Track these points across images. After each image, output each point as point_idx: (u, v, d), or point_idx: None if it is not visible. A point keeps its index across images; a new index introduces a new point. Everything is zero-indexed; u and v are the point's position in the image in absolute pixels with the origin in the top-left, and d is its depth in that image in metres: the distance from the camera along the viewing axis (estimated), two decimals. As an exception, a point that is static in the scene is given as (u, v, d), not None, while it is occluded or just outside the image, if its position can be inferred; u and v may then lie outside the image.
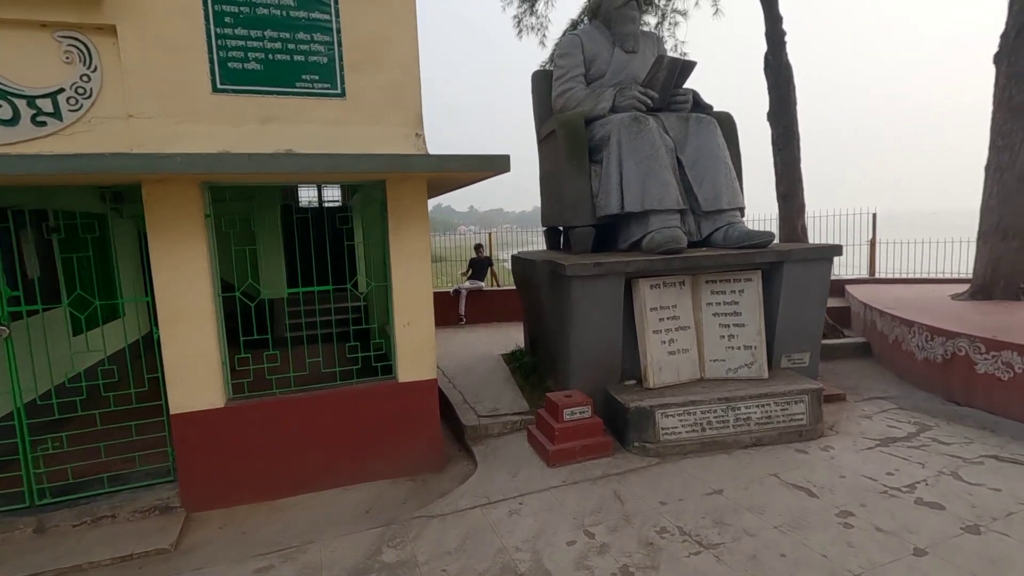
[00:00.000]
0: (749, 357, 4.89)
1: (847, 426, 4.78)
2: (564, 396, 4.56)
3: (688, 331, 4.95)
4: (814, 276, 4.93)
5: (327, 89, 3.84)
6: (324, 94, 3.84)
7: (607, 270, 4.62)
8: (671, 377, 4.83)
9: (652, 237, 5.00)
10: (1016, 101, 6.42)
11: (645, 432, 4.40)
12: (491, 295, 10.22)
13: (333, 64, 3.83)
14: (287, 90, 3.74)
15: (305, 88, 3.79)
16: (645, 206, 5.07)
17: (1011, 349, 4.65)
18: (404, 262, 4.17)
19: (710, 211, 5.21)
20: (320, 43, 3.78)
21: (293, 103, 3.78)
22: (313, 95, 3.81)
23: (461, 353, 7.64)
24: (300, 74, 3.76)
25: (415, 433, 4.33)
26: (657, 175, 5.09)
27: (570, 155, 5.51)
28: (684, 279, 4.97)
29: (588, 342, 4.82)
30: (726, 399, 4.49)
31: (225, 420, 3.86)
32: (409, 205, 4.14)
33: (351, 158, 3.49)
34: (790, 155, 7.42)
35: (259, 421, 3.96)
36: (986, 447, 4.20)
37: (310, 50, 3.77)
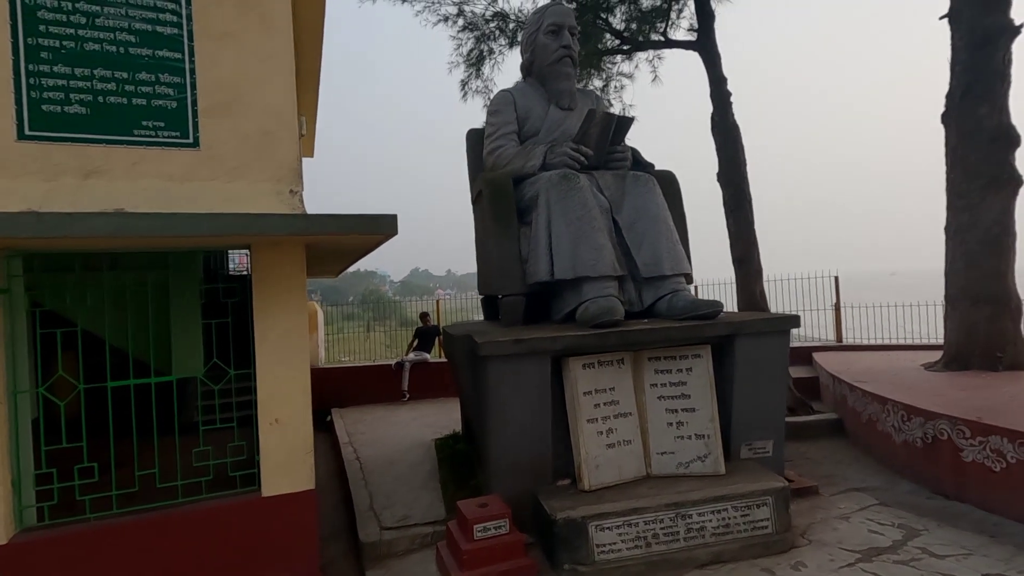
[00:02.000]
0: (702, 448, 4.13)
1: (822, 532, 3.98)
2: (477, 506, 3.69)
3: (630, 419, 4.20)
4: (771, 351, 4.28)
5: (175, 138, 3.19)
6: (171, 143, 3.19)
7: (529, 348, 3.91)
8: (611, 476, 4.02)
9: (586, 308, 4.34)
10: (969, 160, 6.15)
11: (577, 551, 3.54)
12: (438, 368, 9.37)
13: (184, 109, 3.21)
14: (121, 138, 3.08)
15: (146, 136, 3.13)
16: (577, 272, 4.44)
17: (999, 434, 4.00)
18: (272, 344, 3.39)
19: (651, 277, 4.60)
20: (168, 84, 3.17)
21: (128, 154, 3.11)
22: (156, 144, 3.16)
23: (390, 439, 6.71)
24: (139, 120, 3.12)
25: (283, 561, 3.39)
26: (590, 238, 4.50)
27: (496, 216, 4.92)
28: (623, 357, 4.27)
29: (510, 435, 4.02)
30: (675, 504, 3.68)
31: (6, 562, 2.90)
32: (280, 276, 3.42)
33: (186, 219, 2.79)
34: (743, 217, 7.01)
35: (63, 560, 3.00)
36: (988, 561, 3.44)
37: (154, 92, 3.15)
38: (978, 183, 6.10)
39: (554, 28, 5.53)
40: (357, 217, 3.11)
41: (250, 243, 3.35)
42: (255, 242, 3.32)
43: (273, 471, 3.37)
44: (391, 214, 3.18)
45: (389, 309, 14.25)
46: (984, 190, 6.07)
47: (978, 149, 6.11)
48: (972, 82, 6.16)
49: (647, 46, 8.59)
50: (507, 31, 9.05)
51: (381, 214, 3.15)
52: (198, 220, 2.82)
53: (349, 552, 4.32)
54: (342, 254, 4.61)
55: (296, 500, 3.40)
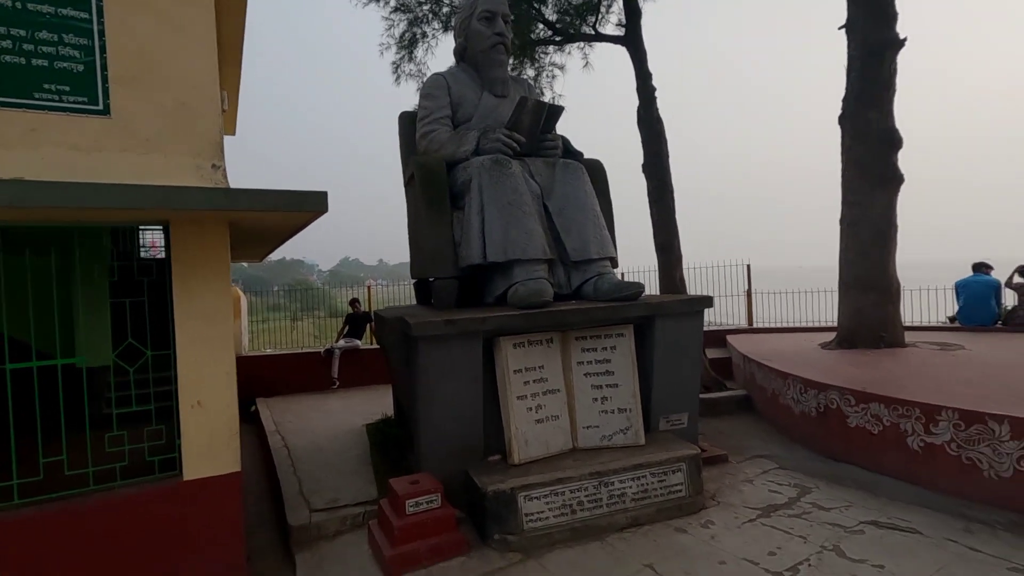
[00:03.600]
0: (624, 422, 4.39)
1: (729, 494, 4.36)
2: (409, 483, 3.75)
3: (558, 395, 4.39)
4: (687, 330, 4.61)
5: (82, 104, 2.99)
6: (78, 109, 2.98)
7: (460, 329, 3.99)
8: (539, 450, 4.20)
9: (516, 290, 4.47)
10: (861, 159, 6.81)
11: (506, 522, 3.69)
12: (369, 355, 9.25)
13: (92, 74, 3.01)
14: (17, 101, 2.85)
15: (47, 100, 2.91)
16: (508, 255, 4.56)
17: (878, 401, 4.53)
18: (193, 326, 3.27)
19: (579, 261, 4.80)
20: (73, 46, 2.96)
21: (27, 119, 2.88)
22: (60, 110, 2.94)
23: (320, 427, 6.58)
24: (40, 83, 2.89)
25: (206, 548, 3.31)
26: (521, 222, 4.63)
27: (429, 201, 4.94)
28: (552, 336, 4.45)
29: (442, 415, 4.09)
30: (598, 473, 3.91)
31: None
32: (202, 255, 3.29)
33: (96, 190, 2.64)
34: (665, 207, 7.40)
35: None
36: (866, 511, 3.91)
37: (57, 54, 2.93)
38: (868, 181, 6.78)
39: (488, 15, 5.58)
40: (284, 193, 3.06)
41: (168, 219, 3.20)
42: (174, 218, 3.18)
43: (196, 455, 3.27)
44: (321, 191, 3.14)
45: (317, 299, 13.76)
46: (872, 187, 6.75)
47: (868, 150, 6.78)
48: (863, 88, 6.81)
49: (578, 38, 8.82)
50: (440, 15, 8.98)
51: (310, 191, 3.11)
52: (111, 191, 2.67)
53: (276, 539, 4.25)
54: (267, 235, 4.47)
55: (221, 483, 3.32)
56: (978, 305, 8.00)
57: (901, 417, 4.32)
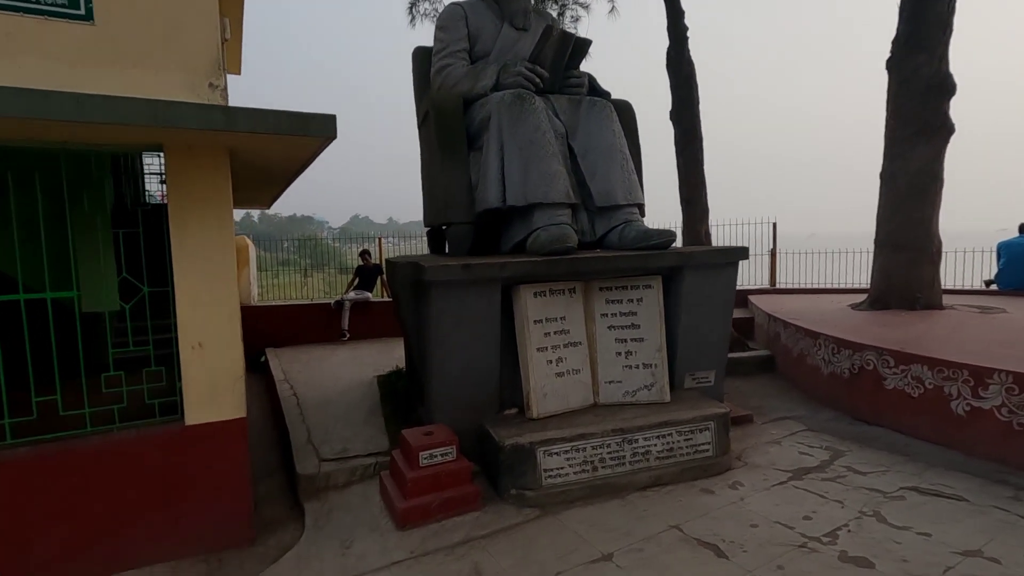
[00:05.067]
0: (649, 377, 4.16)
1: (756, 455, 4.16)
2: (422, 434, 3.57)
3: (579, 348, 4.15)
4: (719, 283, 4.31)
5: (62, 7, 2.66)
6: (57, 13, 2.66)
7: (478, 275, 3.72)
8: (558, 404, 3.99)
9: (536, 236, 4.17)
10: (907, 107, 6.32)
11: (524, 476, 3.51)
12: (380, 307, 9.06)
13: (71, -27, 2.66)
14: (-14, 1, 2.53)
15: (22, 1, 2.59)
16: (529, 199, 4.24)
17: (921, 363, 4.25)
18: (192, 261, 3.03)
19: (604, 207, 4.47)
20: (48, -60, 2.61)
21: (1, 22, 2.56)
22: (36, 12, 2.62)
23: (329, 378, 6.44)
24: (11, -20, 2.56)
25: (211, 495, 3.16)
26: (543, 163, 4.29)
27: (444, 140, 4.60)
28: (575, 286, 4.17)
29: (456, 365, 3.87)
30: (621, 430, 3.70)
31: None
32: (200, 184, 3.02)
33: (75, 101, 2.34)
34: (692, 157, 6.98)
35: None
36: (903, 476, 3.69)
37: (30, -52, 2.58)
38: (911, 130, 6.30)
39: (510, -61, 5.08)
40: (287, 114, 2.75)
41: (162, 143, 2.92)
42: (168, 142, 2.89)
43: (197, 399, 3.08)
44: (328, 114, 2.83)
45: (328, 255, 13.54)
46: (916, 137, 6.28)
47: (914, 97, 6.27)
48: (915, 29, 6.25)
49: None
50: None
51: (316, 113, 2.80)
52: (93, 103, 2.38)
53: (285, 487, 4.13)
54: (273, 171, 4.18)
55: (224, 429, 3.14)
56: (1019, 267, 7.59)
57: (946, 380, 4.05)
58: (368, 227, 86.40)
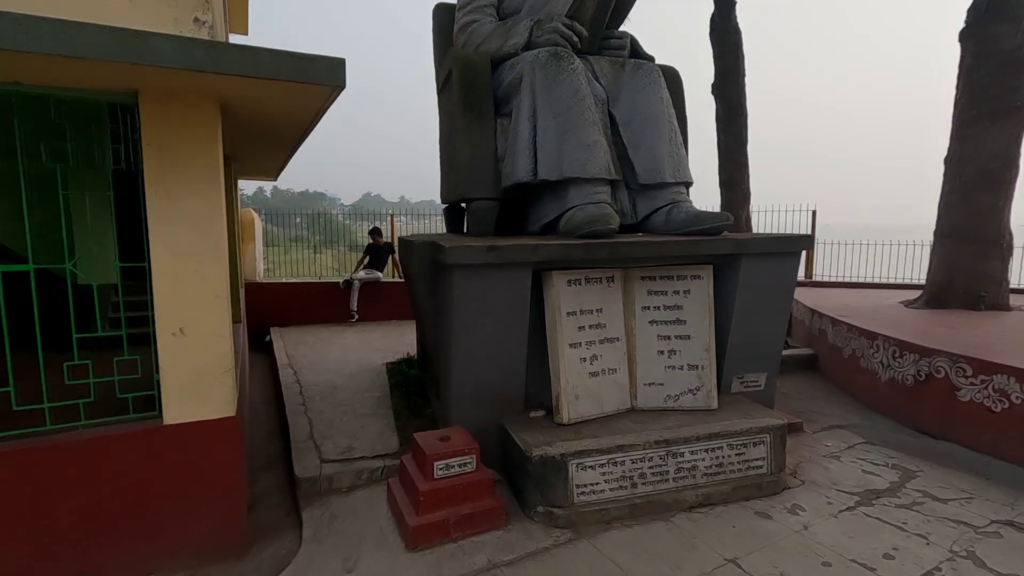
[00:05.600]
0: (695, 380, 3.67)
1: (813, 471, 3.67)
2: (437, 439, 3.11)
3: (617, 345, 3.66)
4: (779, 275, 3.78)
5: (11, -85, 2.15)
6: (4, -77, 2.15)
7: (506, 257, 3.22)
8: (592, 408, 3.52)
9: (571, 216, 3.66)
10: (981, 84, 5.67)
11: (553, 491, 3.05)
12: (390, 288, 8.62)
13: None
14: (-86, -100, 2.02)
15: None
16: (564, 173, 3.72)
17: (1006, 373, 3.72)
18: (172, 231, 2.56)
19: (648, 185, 3.93)
20: None
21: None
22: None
23: (335, 362, 6.02)
24: None
25: (195, 503, 2.73)
26: (581, 132, 3.75)
27: (468, 104, 4.06)
28: (613, 274, 3.67)
29: (478, 358, 3.41)
30: (666, 442, 3.22)
31: None
32: (182, 139, 2.53)
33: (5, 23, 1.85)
34: (736, 135, 6.38)
35: None
36: (993, 507, 3.19)
37: None
38: (984, 109, 5.66)
39: None
40: (287, 55, 2.24)
41: (137, 89, 2.43)
42: (143, 85, 2.40)
43: (178, 394, 2.64)
44: (336, 57, 2.32)
45: (339, 232, 13.24)
46: (990, 117, 5.64)
47: (991, 72, 5.61)
48: (997, -5, 5.56)
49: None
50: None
51: (321, 55, 2.29)
52: (39, 28, 1.88)
53: (285, 485, 3.71)
54: (274, 131, 3.69)
55: (211, 430, 2.70)
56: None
57: (1041, 395, 3.52)
58: (380, 205, 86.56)
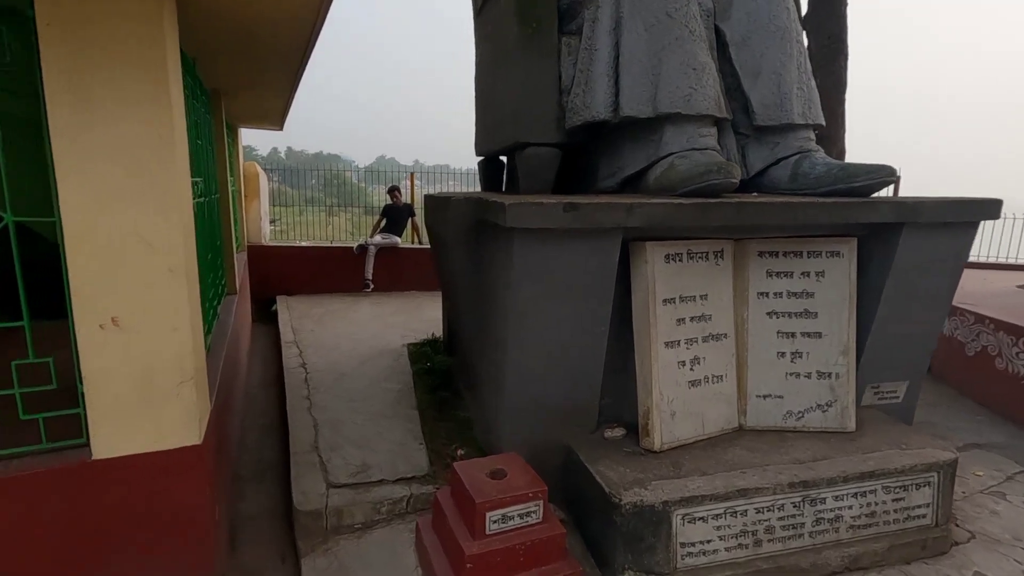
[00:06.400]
0: (825, 393, 2.73)
1: (979, 516, 2.75)
2: (488, 473, 2.23)
3: (723, 344, 2.72)
4: (948, 252, 2.78)
5: None
6: None
7: (590, 220, 2.27)
8: (691, 429, 2.61)
9: (670, 166, 2.67)
10: None
11: (651, 553, 2.17)
12: (410, 255, 7.72)
13: None
14: None
15: None
16: (659, 108, 2.71)
17: None
18: (93, 169, 1.64)
19: (769, 128, 2.92)
20: None
21: None
22: None
23: (347, 340, 5.17)
24: None
25: (153, 557, 1.90)
26: (684, 51, 2.73)
27: (523, 15, 3.03)
28: (722, 248, 2.70)
29: (540, 359, 2.50)
30: (803, 484, 2.31)
31: None
32: (105, 12, 1.58)
33: None
34: (836, 78, 5.24)
35: None
36: None
37: None
38: None
39: None
40: None
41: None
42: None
43: (112, 415, 1.77)
44: None
45: (353, 194, 12.80)
46: None
47: None
48: None
49: None
50: None
51: None
52: None
53: (279, 511, 2.90)
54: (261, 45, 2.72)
55: (165, 465, 1.84)
56: None
57: None
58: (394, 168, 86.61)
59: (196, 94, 3.13)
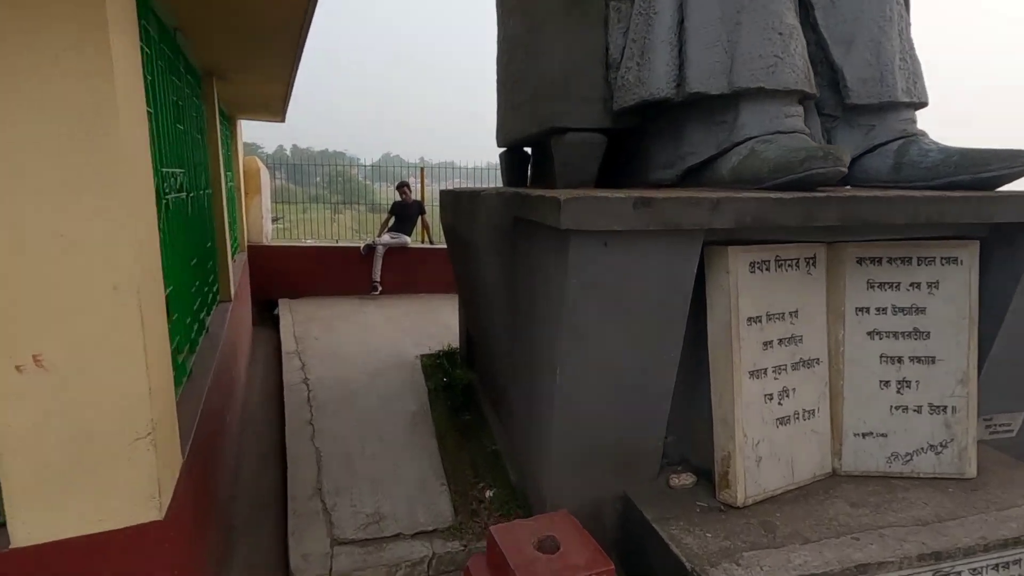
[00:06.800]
0: (940, 431, 2.23)
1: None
2: (535, 543, 1.74)
3: (816, 370, 2.22)
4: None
5: None
6: None
7: (665, 220, 1.77)
8: (780, 476, 2.12)
9: (752, 152, 2.18)
10: None
11: (742, 646, 1.69)
12: (420, 255, 7.26)
13: None
14: None
15: None
16: (737, 82, 2.21)
17: None
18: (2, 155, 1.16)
19: (865, 107, 2.42)
20: None
21: None
22: None
23: (356, 350, 4.71)
24: None
25: None
26: (766, 11, 2.23)
27: (566, -25, 2.54)
28: (814, 253, 2.20)
29: (596, 391, 2.01)
30: (934, 556, 1.82)
31: None
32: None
33: None
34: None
35: None
36: None
37: None
38: None
39: None
40: None
41: None
42: None
43: (36, 488, 1.30)
44: None
45: (359, 192, 12.66)
46: None
47: None
48: None
49: None
50: None
51: None
52: None
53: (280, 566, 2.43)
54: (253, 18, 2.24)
55: (111, 551, 1.36)
56: None
57: None
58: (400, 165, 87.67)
59: (178, 71, 2.66)
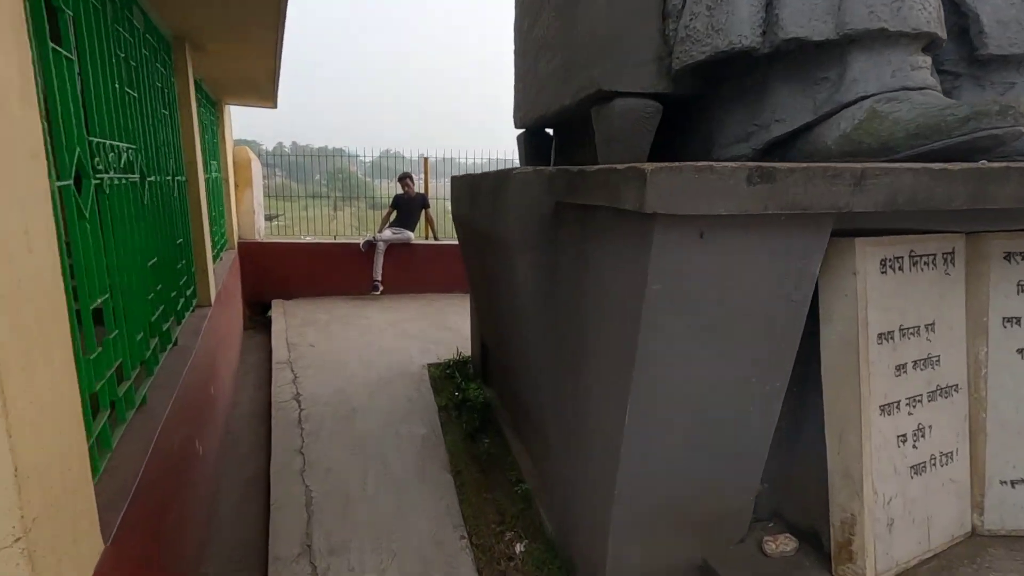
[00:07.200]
0: (1112, 477, 1.73)
1: None
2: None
3: (954, 401, 1.71)
4: None
5: None
6: None
7: (786, 198, 1.26)
8: (913, 541, 1.61)
9: (873, 115, 1.66)
10: None
11: None
12: (424, 251, 6.74)
13: None
14: None
15: None
16: (850, 23, 1.70)
17: None
18: None
19: (1007, 57, 1.90)
20: None
21: None
22: None
23: (355, 360, 4.20)
24: None
25: None
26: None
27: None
28: (952, 246, 1.69)
29: (680, 432, 1.50)
30: None
31: None
32: None
33: None
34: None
35: None
36: None
37: None
38: None
39: None
40: None
41: None
42: None
43: None
44: None
45: (359, 189, 12.49)
46: None
47: None
48: None
49: None
50: None
51: None
52: None
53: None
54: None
55: None
56: None
57: None
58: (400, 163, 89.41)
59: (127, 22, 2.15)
